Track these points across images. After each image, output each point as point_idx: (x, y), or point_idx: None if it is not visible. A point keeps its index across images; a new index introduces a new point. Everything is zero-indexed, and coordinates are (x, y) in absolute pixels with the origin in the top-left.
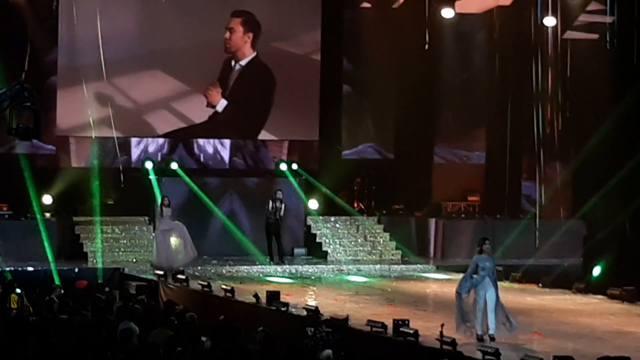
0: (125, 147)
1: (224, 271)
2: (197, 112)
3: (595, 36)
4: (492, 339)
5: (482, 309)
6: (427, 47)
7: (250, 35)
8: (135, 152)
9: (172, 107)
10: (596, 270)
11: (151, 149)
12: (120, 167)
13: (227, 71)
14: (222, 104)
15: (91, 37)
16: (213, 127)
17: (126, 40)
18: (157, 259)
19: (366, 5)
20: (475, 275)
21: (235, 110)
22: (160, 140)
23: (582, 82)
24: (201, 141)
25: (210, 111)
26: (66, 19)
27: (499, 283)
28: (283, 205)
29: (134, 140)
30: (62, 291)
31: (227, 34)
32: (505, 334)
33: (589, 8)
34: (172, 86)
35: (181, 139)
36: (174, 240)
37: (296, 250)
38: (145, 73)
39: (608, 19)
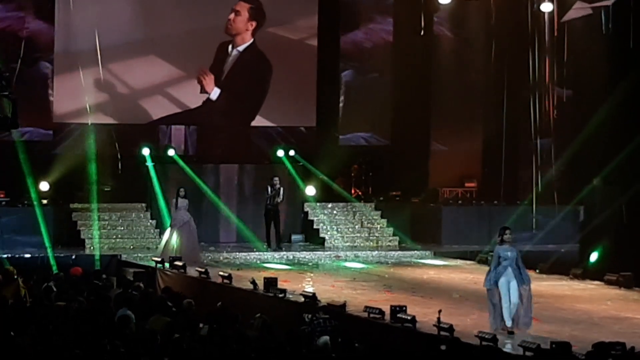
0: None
1: (221, 258)
2: (192, 98)
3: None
4: (511, 332)
5: (508, 299)
6: (422, 32)
7: (254, 23)
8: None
9: (167, 93)
10: (593, 256)
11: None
12: (119, 154)
13: (223, 57)
14: (216, 92)
15: (87, 23)
16: (208, 113)
17: (122, 25)
18: (163, 254)
19: None
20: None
21: (230, 96)
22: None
23: (580, 67)
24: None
25: (205, 97)
26: (62, 4)
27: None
28: (282, 191)
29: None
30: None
31: (232, 15)
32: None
33: None
34: (167, 72)
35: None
36: (186, 237)
37: (293, 237)
38: (140, 59)
39: (605, 3)
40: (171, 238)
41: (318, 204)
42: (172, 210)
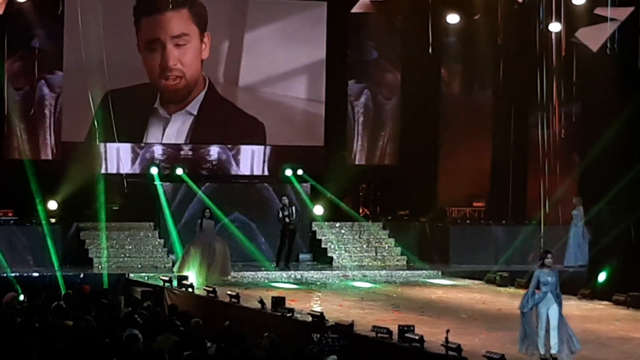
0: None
1: (228, 277)
2: None
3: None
4: (554, 359)
5: (544, 327)
6: (430, 51)
7: None
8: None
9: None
10: (601, 276)
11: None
12: (124, 173)
13: None
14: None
15: (96, 43)
16: (217, 132)
17: (130, 46)
18: (179, 270)
19: (371, 11)
20: (537, 291)
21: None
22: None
23: (588, 87)
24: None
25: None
26: (71, 24)
27: (506, 289)
28: (294, 210)
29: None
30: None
31: None
32: (567, 353)
33: (595, 12)
34: None
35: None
36: (217, 252)
37: (301, 256)
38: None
39: (613, 26)
40: (188, 257)
41: (326, 223)
42: (197, 231)
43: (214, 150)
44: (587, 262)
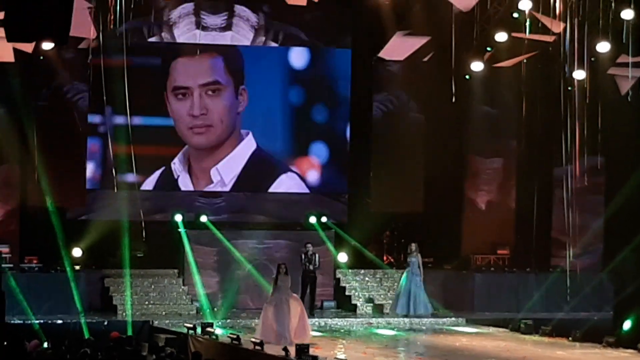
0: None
1: (252, 324)
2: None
3: None
4: None
5: None
6: (454, 99)
7: None
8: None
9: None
10: (627, 324)
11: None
12: (142, 220)
13: None
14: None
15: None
16: (239, 180)
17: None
18: (261, 335)
19: (396, 59)
20: None
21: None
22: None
23: (614, 134)
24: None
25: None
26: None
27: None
28: (316, 257)
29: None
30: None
31: None
32: None
33: (619, 61)
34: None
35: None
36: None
37: (325, 304)
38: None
39: (635, 74)
40: (267, 317)
41: (350, 270)
42: (272, 289)
43: (239, 197)
44: (430, 311)
